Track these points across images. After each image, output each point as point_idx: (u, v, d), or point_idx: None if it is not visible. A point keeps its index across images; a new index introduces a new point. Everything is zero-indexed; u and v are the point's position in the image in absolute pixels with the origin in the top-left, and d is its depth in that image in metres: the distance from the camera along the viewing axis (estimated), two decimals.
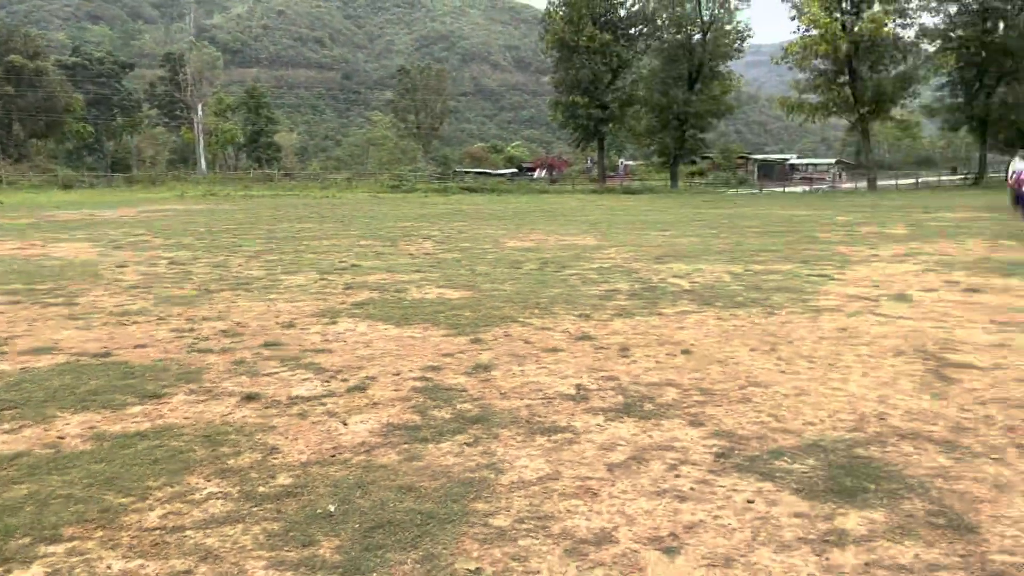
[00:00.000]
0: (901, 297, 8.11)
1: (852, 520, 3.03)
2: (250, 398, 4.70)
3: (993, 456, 3.69)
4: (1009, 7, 42.57)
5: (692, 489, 3.35)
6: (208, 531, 2.98)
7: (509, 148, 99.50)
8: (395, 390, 4.87)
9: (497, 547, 2.85)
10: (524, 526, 3.02)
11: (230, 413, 4.44)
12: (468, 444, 3.92)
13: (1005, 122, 43.72)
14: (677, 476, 3.50)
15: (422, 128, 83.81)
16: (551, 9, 50.80)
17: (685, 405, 4.53)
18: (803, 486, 3.35)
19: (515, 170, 75.21)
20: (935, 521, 3.01)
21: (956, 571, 2.64)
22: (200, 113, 70.64)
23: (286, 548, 2.84)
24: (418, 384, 4.99)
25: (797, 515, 3.08)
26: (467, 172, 65.88)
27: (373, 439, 4.01)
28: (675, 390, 4.83)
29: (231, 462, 3.70)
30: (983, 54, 43.40)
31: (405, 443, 3.94)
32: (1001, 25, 43.44)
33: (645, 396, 4.71)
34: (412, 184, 49.33)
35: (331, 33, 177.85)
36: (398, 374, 5.24)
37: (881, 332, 6.42)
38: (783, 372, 5.23)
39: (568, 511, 3.15)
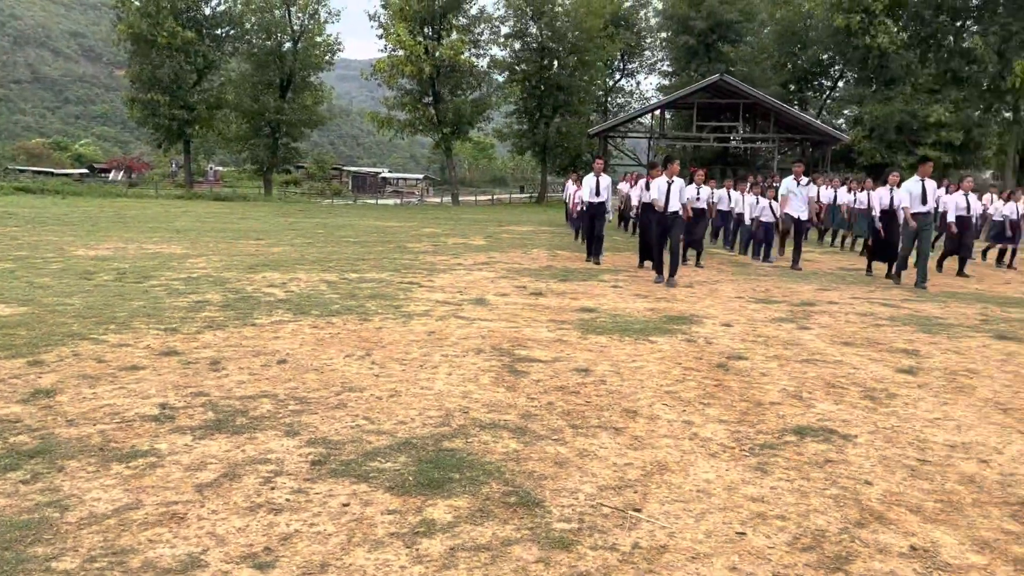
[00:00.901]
0: (480, 301, 8.90)
1: (440, 510, 3.23)
2: None
3: (554, 437, 4.21)
4: (561, 48, 49.29)
5: (288, 500, 3.29)
6: None
7: (77, 146, 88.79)
8: None
9: None
10: (96, 565, 2.69)
11: None
12: (24, 481, 3.38)
13: (560, 148, 50.52)
14: (272, 489, 3.41)
15: None
16: None
17: (281, 416, 4.44)
18: (396, 483, 3.49)
19: (86, 170, 67.39)
20: (508, 500, 3.34)
21: (526, 543, 2.96)
22: None
23: None
24: None
25: (390, 512, 3.19)
26: (23, 170, 57.27)
27: None
28: (270, 401, 4.71)
29: None
30: (542, 87, 49.68)
31: None
32: (556, 63, 50.13)
33: (238, 410, 4.51)
34: None
35: None
36: None
37: (464, 334, 6.97)
38: (377, 376, 5.40)
39: (151, 541, 2.88)
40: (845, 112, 46.31)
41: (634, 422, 4.53)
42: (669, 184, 10.85)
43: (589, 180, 13.66)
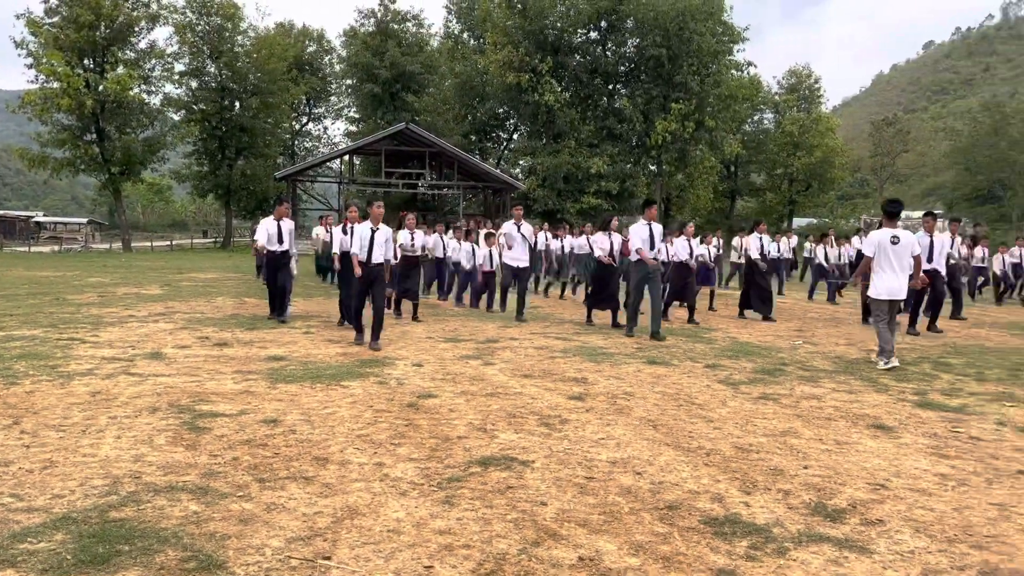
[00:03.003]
0: (156, 355, 8.23)
1: None
2: None
3: (239, 494, 4.01)
4: (242, 89, 47.68)
5: None
6: None
7: None
8: None
9: None
10: None
11: None
12: None
13: (246, 191, 48.63)
14: None
15: None
16: None
17: None
18: (51, 565, 3.08)
19: None
20: (187, 567, 3.11)
21: None
22: None
23: None
24: None
25: None
26: None
27: None
28: None
29: None
30: (224, 128, 47.58)
31: None
32: (238, 104, 48.36)
33: None
34: None
35: None
36: None
37: (136, 392, 6.39)
38: (28, 446, 4.75)
39: None
40: (521, 162, 50.12)
41: (325, 469, 4.46)
42: (374, 232, 9.50)
43: (269, 225, 11.49)
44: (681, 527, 3.71)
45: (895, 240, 8.51)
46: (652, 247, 10.89)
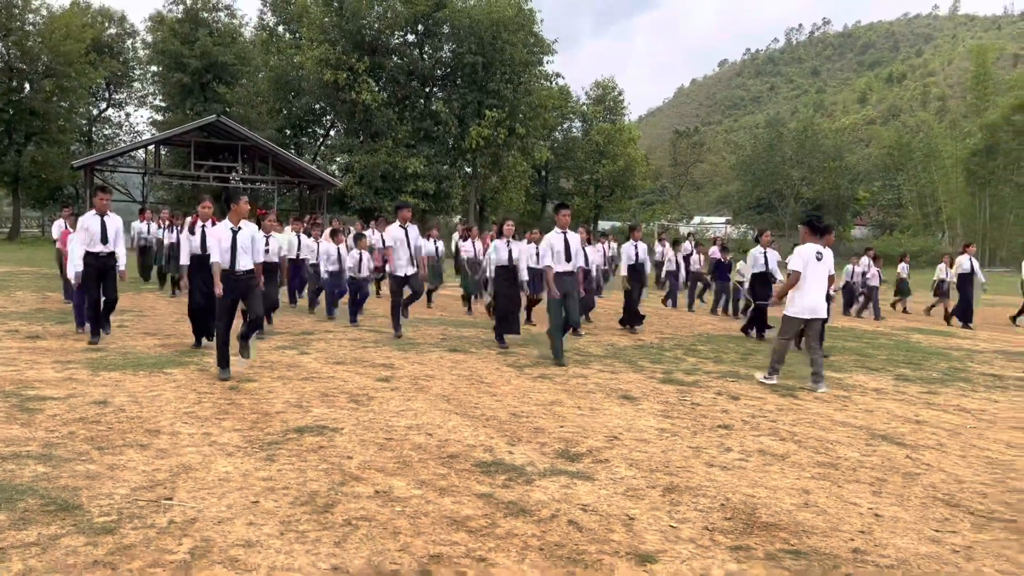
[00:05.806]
0: None
1: None
2: None
3: (82, 459, 4.64)
4: (33, 71, 44.26)
5: None
6: None
7: None
8: None
9: None
10: None
11: None
12: None
13: (37, 180, 45.17)
14: None
15: None
16: None
17: None
18: None
19: None
20: (48, 509, 3.78)
21: (73, 535, 3.48)
22: None
23: None
24: None
25: None
26: None
27: None
28: None
29: None
30: (11, 111, 43.96)
31: None
32: (28, 86, 44.83)
33: None
34: None
35: None
36: None
37: None
38: None
39: None
40: (338, 159, 50.08)
41: (158, 439, 5.14)
42: (235, 232, 7.44)
43: (90, 222, 9.20)
44: (457, 469, 4.78)
45: (819, 256, 8.13)
46: (568, 259, 9.26)
